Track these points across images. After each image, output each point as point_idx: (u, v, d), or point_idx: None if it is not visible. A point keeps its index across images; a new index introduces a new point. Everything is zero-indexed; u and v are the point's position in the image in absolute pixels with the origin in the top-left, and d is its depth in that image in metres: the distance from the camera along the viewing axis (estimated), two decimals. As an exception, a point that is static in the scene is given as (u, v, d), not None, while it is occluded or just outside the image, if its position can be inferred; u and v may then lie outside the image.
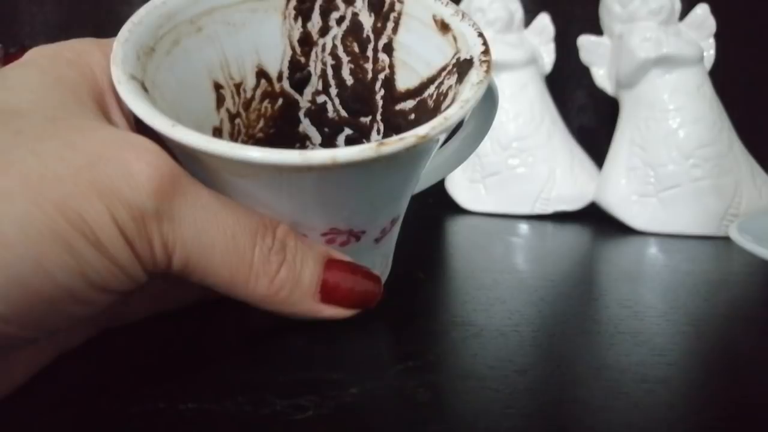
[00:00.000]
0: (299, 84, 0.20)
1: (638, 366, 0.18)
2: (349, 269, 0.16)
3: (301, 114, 0.20)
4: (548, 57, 0.46)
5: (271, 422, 0.14)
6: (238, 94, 0.18)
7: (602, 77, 0.44)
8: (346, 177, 0.14)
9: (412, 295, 0.24)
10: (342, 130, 0.21)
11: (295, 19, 0.19)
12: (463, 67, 0.17)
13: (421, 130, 0.14)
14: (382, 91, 0.20)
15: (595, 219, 0.41)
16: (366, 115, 0.20)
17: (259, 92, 0.19)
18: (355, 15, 0.19)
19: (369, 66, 0.20)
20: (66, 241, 0.11)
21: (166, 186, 0.12)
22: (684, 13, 0.41)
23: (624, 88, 0.42)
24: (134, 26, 0.15)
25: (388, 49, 0.19)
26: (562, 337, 0.20)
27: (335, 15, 0.19)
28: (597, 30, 0.43)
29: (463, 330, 0.20)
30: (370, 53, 0.19)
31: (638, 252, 0.35)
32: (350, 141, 0.21)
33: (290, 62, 0.19)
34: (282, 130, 0.20)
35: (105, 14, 0.50)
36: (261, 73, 0.19)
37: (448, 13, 0.18)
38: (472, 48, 0.17)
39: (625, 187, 0.40)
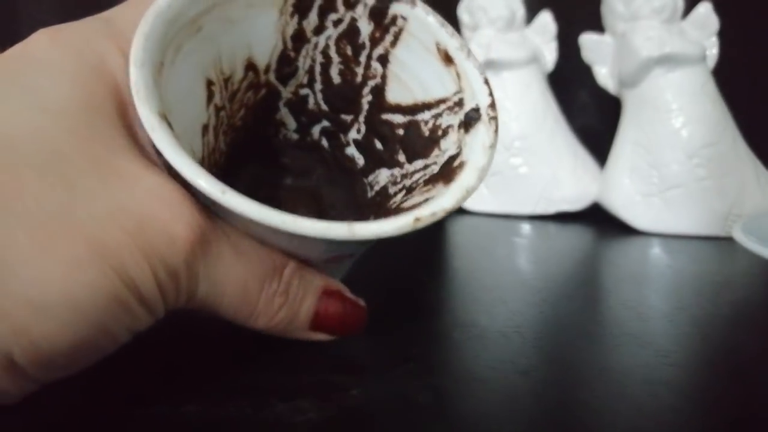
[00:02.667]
0: (285, 77, 0.20)
1: (642, 368, 0.18)
2: (341, 300, 0.17)
3: (281, 103, 0.20)
4: (550, 56, 0.45)
5: (272, 425, 0.14)
6: (226, 88, 0.18)
7: (605, 76, 0.43)
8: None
9: (414, 296, 0.24)
10: (319, 122, 0.21)
11: (292, 15, 0.19)
12: (470, 116, 0.17)
13: (447, 204, 0.15)
14: (370, 97, 0.20)
15: (597, 219, 0.41)
16: (348, 114, 0.21)
17: (245, 84, 0.19)
18: (353, 20, 0.19)
19: (359, 71, 0.20)
20: (125, 303, 0.13)
21: (196, 247, 0.14)
22: (686, 11, 0.41)
23: (627, 87, 0.41)
24: (146, 42, 0.15)
25: (383, 60, 0.19)
26: (565, 339, 0.20)
27: (333, 16, 0.19)
28: (599, 28, 0.43)
29: (465, 331, 0.20)
30: (363, 59, 0.19)
31: (641, 252, 0.35)
32: (326, 133, 0.21)
33: (280, 56, 0.19)
34: (258, 116, 0.20)
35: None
36: (250, 66, 0.19)
37: (453, 45, 0.18)
38: (477, 94, 0.17)
39: (629, 187, 0.40)
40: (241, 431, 0.14)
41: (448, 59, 0.18)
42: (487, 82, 0.18)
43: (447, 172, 0.17)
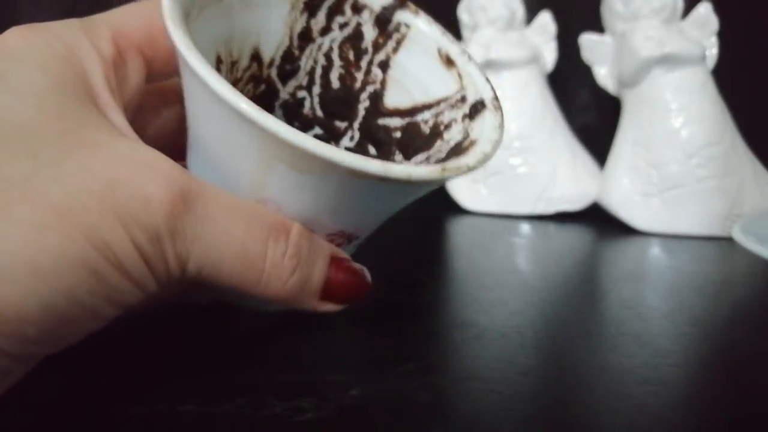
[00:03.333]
0: (285, 76, 0.20)
1: (641, 368, 0.18)
2: (348, 267, 0.17)
3: (277, 104, 0.21)
4: (550, 56, 0.45)
5: (270, 424, 0.14)
6: (231, 72, 0.19)
7: (604, 76, 0.43)
8: (397, 190, 0.15)
9: (413, 296, 0.24)
10: (312, 128, 0.21)
11: (302, 12, 0.19)
12: (476, 107, 0.18)
13: (471, 161, 0.15)
14: (367, 103, 0.20)
15: (597, 219, 0.41)
16: (342, 120, 0.21)
17: (247, 74, 0.19)
18: (359, 25, 0.20)
19: (359, 76, 0.20)
20: (94, 268, 0.12)
21: (177, 207, 0.13)
22: (686, 11, 0.41)
23: (626, 87, 0.41)
24: None
25: (384, 65, 0.20)
26: (564, 339, 0.20)
27: (340, 19, 0.20)
28: (599, 28, 0.43)
29: (464, 331, 0.20)
30: (364, 64, 0.20)
31: (641, 252, 0.35)
32: (318, 139, 0.21)
33: (284, 52, 0.20)
34: None
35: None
36: (255, 57, 0.19)
37: (454, 50, 0.19)
38: (481, 90, 0.18)
39: (628, 186, 0.40)
40: (239, 430, 0.14)
41: (449, 62, 0.19)
42: (488, 81, 0.18)
43: (457, 151, 0.17)
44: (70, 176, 0.12)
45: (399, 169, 0.14)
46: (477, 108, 0.18)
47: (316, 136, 0.21)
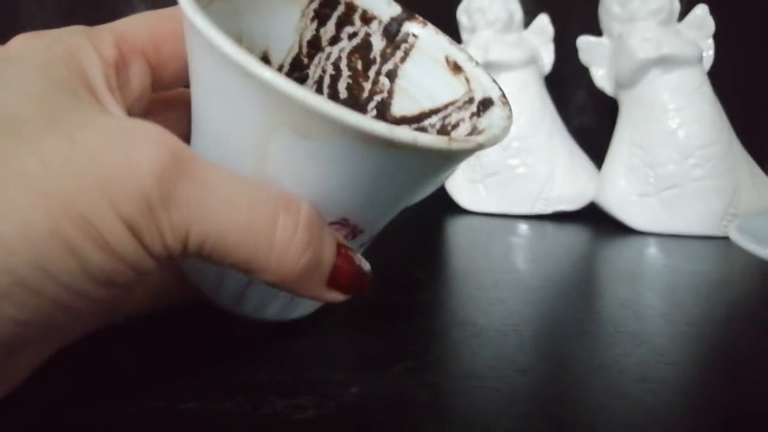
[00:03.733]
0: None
1: (638, 366, 0.18)
2: (352, 257, 0.16)
3: None
4: (548, 57, 0.46)
5: (271, 422, 0.14)
6: None
7: (601, 77, 0.44)
8: (404, 162, 0.14)
9: (412, 295, 0.24)
10: None
11: (312, 20, 0.19)
12: (484, 104, 0.18)
13: (480, 138, 0.15)
14: (374, 112, 0.20)
15: (594, 219, 0.41)
16: None
17: None
18: (367, 35, 0.20)
19: (367, 85, 0.20)
20: (68, 243, 0.11)
21: (170, 170, 0.12)
22: (683, 13, 0.41)
23: (623, 88, 0.42)
24: None
25: (392, 75, 0.20)
26: (562, 337, 0.20)
27: (349, 29, 0.20)
28: (596, 30, 0.44)
29: (463, 330, 0.20)
30: (372, 74, 0.20)
31: (638, 252, 0.35)
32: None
33: (293, 59, 0.20)
34: None
35: (106, 15, 0.50)
36: (264, 60, 0.19)
37: (461, 57, 0.19)
38: (488, 90, 0.18)
39: (625, 187, 0.40)
40: (241, 428, 0.14)
41: (457, 68, 0.19)
42: (496, 82, 0.18)
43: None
44: (50, 148, 0.11)
45: (405, 133, 0.13)
46: (485, 104, 0.18)
47: None
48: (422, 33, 0.20)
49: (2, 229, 0.11)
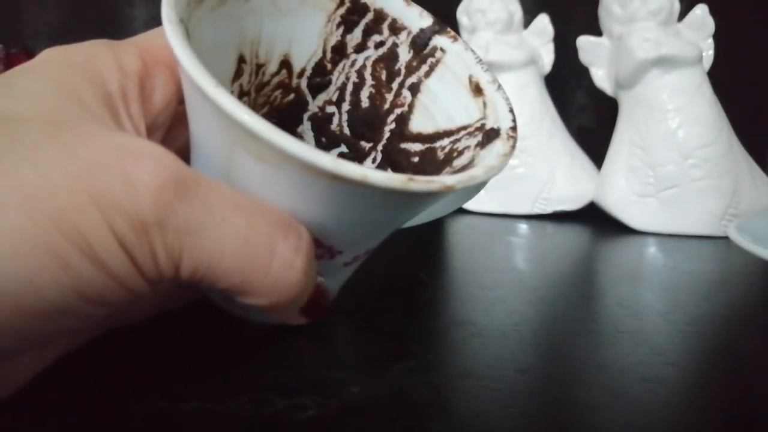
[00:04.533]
0: (315, 88, 0.20)
1: (638, 365, 0.18)
2: (321, 282, 0.16)
3: (305, 116, 0.20)
4: (548, 57, 0.46)
5: (272, 421, 0.14)
6: (257, 74, 0.18)
7: (601, 78, 0.44)
8: (358, 197, 0.14)
9: (413, 294, 0.24)
10: (338, 146, 0.21)
11: (338, 26, 0.19)
12: (489, 136, 0.17)
13: (449, 181, 0.14)
14: (393, 125, 0.20)
15: (594, 219, 0.41)
16: (368, 141, 0.20)
17: (276, 80, 0.19)
18: (394, 45, 0.19)
19: (389, 97, 0.20)
20: (60, 256, 0.11)
21: (168, 194, 0.12)
22: (683, 13, 0.41)
23: (623, 88, 0.42)
24: None
25: (414, 89, 0.19)
26: (562, 337, 0.20)
27: (376, 38, 0.19)
28: (596, 31, 0.44)
29: (464, 329, 0.20)
30: (395, 86, 0.19)
31: (638, 252, 0.35)
32: (343, 158, 0.21)
33: (316, 64, 0.19)
34: (281, 125, 0.20)
35: (107, 15, 0.50)
36: (285, 63, 0.19)
37: (485, 79, 0.18)
38: (501, 120, 0.17)
39: (625, 187, 0.40)
40: (241, 428, 0.14)
41: (478, 90, 0.18)
42: (512, 111, 0.18)
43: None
44: (47, 157, 0.11)
45: (353, 168, 0.13)
46: (490, 136, 0.17)
47: (341, 155, 0.21)
48: (450, 48, 0.19)
49: None
